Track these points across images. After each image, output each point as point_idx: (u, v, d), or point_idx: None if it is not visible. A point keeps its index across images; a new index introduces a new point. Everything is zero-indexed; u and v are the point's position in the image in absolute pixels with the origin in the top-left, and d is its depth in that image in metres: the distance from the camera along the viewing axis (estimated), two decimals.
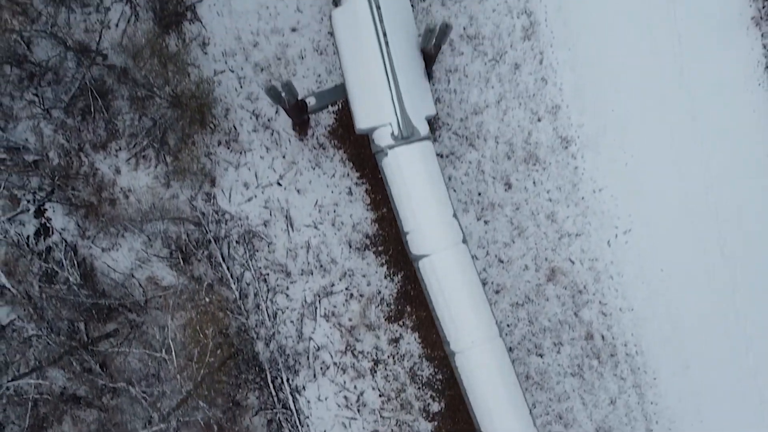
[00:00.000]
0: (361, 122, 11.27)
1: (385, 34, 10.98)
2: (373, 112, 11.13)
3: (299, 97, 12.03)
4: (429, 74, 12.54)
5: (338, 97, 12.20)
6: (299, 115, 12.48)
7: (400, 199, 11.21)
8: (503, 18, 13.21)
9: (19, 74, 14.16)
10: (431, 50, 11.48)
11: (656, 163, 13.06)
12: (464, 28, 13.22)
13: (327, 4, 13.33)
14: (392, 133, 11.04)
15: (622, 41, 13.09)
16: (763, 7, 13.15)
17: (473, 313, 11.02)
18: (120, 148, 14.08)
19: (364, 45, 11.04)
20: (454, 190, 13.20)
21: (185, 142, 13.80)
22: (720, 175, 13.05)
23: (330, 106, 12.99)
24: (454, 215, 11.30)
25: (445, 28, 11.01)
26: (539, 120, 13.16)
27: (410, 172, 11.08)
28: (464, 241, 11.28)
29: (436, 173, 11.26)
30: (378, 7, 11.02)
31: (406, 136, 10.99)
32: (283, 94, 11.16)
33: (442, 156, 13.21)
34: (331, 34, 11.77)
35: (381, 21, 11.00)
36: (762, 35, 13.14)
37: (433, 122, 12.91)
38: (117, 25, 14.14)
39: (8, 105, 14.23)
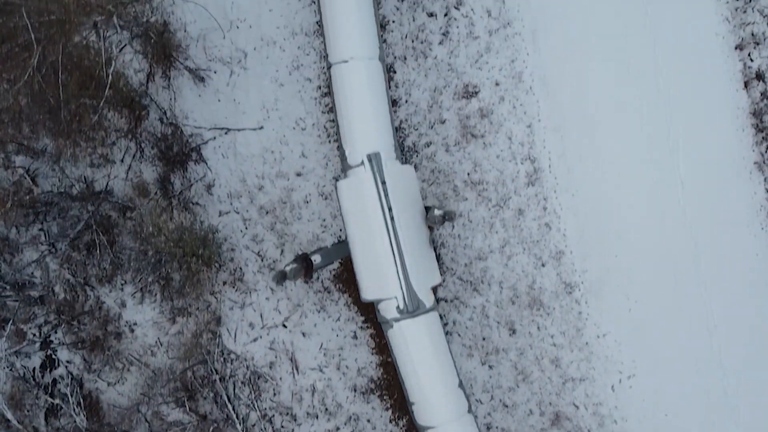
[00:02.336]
0: (367, 293, 11.34)
1: (390, 209, 11.06)
2: (378, 285, 11.20)
3: (304, 254, 12.13)
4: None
5: (344, 255, 12.27)
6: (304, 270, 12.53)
7: (405, 370, 11.30)
8: (507, 164, 13.26)
9: (24, 210, 14.20)
10: (436, 224, 11.56)
11: (659, 309, 13.09)
12: (468, 174, 13.27)
13: (331, 150, 13.40)
14: (398, 307, 11.12)
15: (624, 188, 13.14)
16: (767, 151, 13.20)
17: None
18: (125, 282, 14.15)
19: (370, 219, 11.11)
20: (459, 335, 13.25)
21: (190, 279, 13.85)
22: (724, 320, 13.09)
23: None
24: (460, 385, 11.39)
25: (451, 217, 11.09)
26: (543, 265, 13.21)
27: (416, 346, 11.17)
28: (470, 410, 11.37)
29: (441, 345, 11.35)
30: (383, 182, 11.10)
31: (411, 310, 11.06)
32: (288, 273, 11.24)
33: (446, 300, 13.26)
34: (338, 203, 11.78)
35: (386, 196, 11.08)
36: (765, 180, 13.19)
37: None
38: (122, 161, 14.21)
39: (14, 239, 14.30)
